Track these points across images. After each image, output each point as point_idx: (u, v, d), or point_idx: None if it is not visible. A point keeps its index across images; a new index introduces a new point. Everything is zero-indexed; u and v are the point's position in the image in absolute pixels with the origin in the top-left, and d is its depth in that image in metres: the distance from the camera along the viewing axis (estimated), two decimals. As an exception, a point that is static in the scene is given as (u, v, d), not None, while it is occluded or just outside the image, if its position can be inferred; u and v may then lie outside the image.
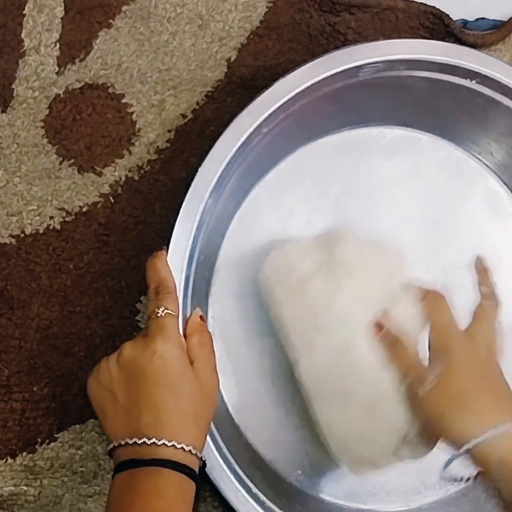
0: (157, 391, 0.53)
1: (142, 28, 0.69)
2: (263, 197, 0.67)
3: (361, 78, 0.61)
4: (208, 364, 0.56)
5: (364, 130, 0.68)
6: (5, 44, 0.68)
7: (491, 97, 0.63)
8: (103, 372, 0.55)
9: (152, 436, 0.52)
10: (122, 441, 0.53)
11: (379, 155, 0.67)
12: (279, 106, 0.59)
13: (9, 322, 0.65)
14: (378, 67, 0.61)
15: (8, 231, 0.66)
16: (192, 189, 0.58)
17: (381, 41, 0.61)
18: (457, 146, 0.68)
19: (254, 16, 0.69)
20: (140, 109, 0.68)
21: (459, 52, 0.62)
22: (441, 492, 0.66)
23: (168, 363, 0.53)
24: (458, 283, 0.66)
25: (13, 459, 0.64)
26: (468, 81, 0.62)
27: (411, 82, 0.63)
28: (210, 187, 0.58)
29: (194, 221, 0.58)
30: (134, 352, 0.54)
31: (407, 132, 0.68)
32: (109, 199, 0.67)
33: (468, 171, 0.68)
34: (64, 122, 0.68)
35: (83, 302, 0.66)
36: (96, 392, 0.55)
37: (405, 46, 0.61)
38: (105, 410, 0.55)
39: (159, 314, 0.55)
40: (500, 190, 0.69)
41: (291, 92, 0.59)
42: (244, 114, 0.59)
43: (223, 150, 0.59)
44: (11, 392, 0.64)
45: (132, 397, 0.53)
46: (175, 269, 0.58)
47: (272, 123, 0.61)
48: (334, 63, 0.60)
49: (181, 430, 0.52)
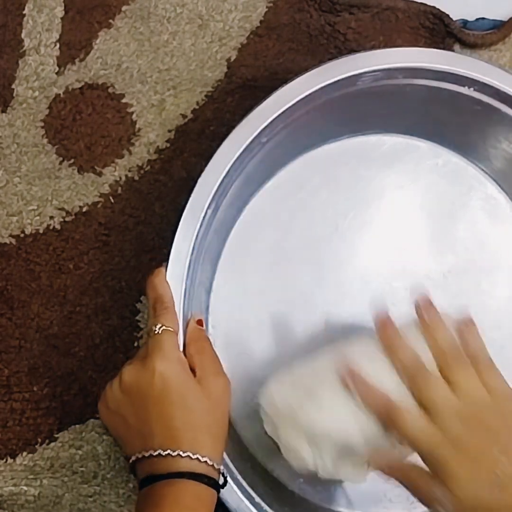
0: (164, 410, 0.53)
1: (142, 28, 0.69)
2: (263, 205, 0.67)
3: (359, 86, 0.61)
4: (210, 371, 0.56)
5: (363, 138, 0.68)
6: (5, 44, 0.68)
7: (489, 104, 0.63)
8: (109, 398, 0.55)
9: (166, 449, 0.52)
10: (139, 455, 0.53)
11: (378, 163, 0.68)
12: (278, 116, 0.59)
13: (9, 322, 0.65)
14: (376, 76, 0.61)
15: (8, 231, 0.66)
16: (192, 198, 0.58)
17: (379, 50, 0.61)
18: (456, 153, 0.68)
19: (254, 16, 0.69)
20: (140, 109, 0.68)
21: (457, 60, 0.62)
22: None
23: (169, 381, 0.53)
24: (458, 289, 0.66)
25: (13, 459, 0.64)
26: (466, 89, 0.62)
27: (410, 90, 0.63)
28: (210, 196, 0.58)
29: (194, 230, 0.58)
30: (134, 376, 0.54)
31: (405, 140, 0.68)
32: (109, 199, 0.67)
33: (467, 178, 0.68)
34: (64, 122, 0.68)
35: (83, 302, 0.66)
36: (108, 418, 0.56)
37: (403, 54, 0.61)
38: (120, 433, 0.55)
39: (156, 331, 0.55)
40: (499, 197, 0.69)
41: (290, 101, 0.59)
42: (244, 123, 0.59)
43: (223, 159, 0.59)
44: (11, 392, 0.64)
45: (141, 419, 0.53)
46: (175, 278, 0.58)
47: (272, 132, 0.61)
48: (333, 72, 0.60)
49: (195, 442, 0.53)
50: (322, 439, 0.55)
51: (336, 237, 0.67)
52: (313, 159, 0.67)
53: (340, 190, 0.67)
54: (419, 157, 0.68)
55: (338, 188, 0.67)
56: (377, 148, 0.68)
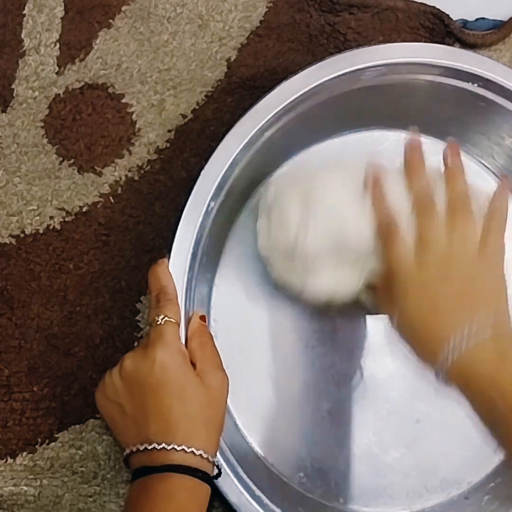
0: (162, 399, 0.53)
1: (142, 28, 0.69)
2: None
3: (363, 81, 0.61)
4: (211, 365, 0.56)
5: (365, 134, 0.68)
6: (5, 44, 0.68)
7: (493, 100, 0.63)
8: (108, 385, 0.55)
9: (161, 441, 0.52)
10: (133, 448, 0.53)
11: (381, 158, 0.67)
12: (281, 110, 0.59)
13: (9, 322, 0.65)
14: (380, 71, 0.61)
15: (8, 231, 0.66)
16: (195, 192, 0.58)
17: (383, 45, 0.61)
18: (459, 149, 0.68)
19: (254, 16, 0.69)
20: (140, 109, 0.68)
21: (461, 56, 0.62)
22: (443, 495, 0.66)
23: (169, 371, 0.53)
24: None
25: (13, 459, 0.64)
26: (470, 85, 0.62)
27: (413, 86, 0.63)
28: (212, 190, 0.58)
29: (196, 224, 0.58)
30: (134, 363, 0.54)
31: (408, 135, 0.68)
32: (109, 199, 0.67)
33: (470, 174, 0.68)
34: (64, 122, 0.68)
35: (83, 302, 0.66)
36: (104, 406, 0.56)
37: (407, 49, 0.61)
38: (115, 421, 0.55)
39: (159, 322, 0.55)
40: None
41: (293, 96, 0.59)
42: (246, 118, 0.59)
43: (225, 153, 0.59)
44: (11, 392, 0.64)
45: (138, 407, 0.53)
46: (177, 272, 0.58)
47: (274, 127, 0.61)
48: (336, 67, 0.60)
49: (191, 434, 0.53)
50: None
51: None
52: (315, 154, 0.67)
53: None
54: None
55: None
56: (381, 144, 0.68)
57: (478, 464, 0.66)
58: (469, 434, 0.62)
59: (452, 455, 0.66)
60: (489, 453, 0.65)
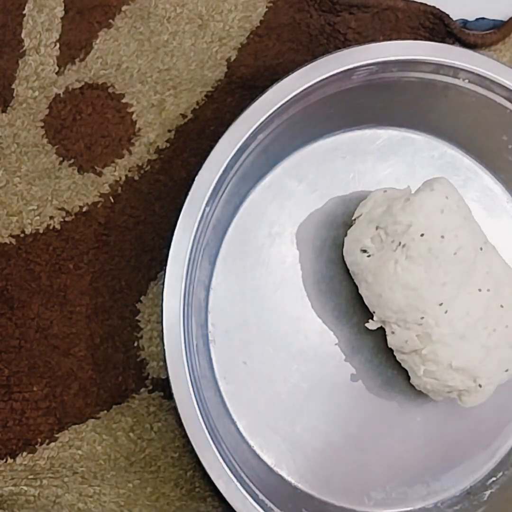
0: None
1: (142, 28, 0.69)
2: (260, 202, 0.67)
3: (354, 80, 0.62)
4: None
5: (358, 132, 0.68)
6: (5, 44, 0.68)
7: (484, 95, 0.63)
8: None
9: None
10: None
11: (374, 157, 0.68)
12: (273, 112, 0.60)
13: (9, 322, 0.65)
14: (371, 69, 0.61)
15: (8, 231, 0.66)
16: (189, 198, 0.59)
17: (373, 43, 0.61)
18: (452, 145, 0.68)
19: (254, 16, 0.69)
20: (140, 109, 0.68)
21: (450, 52, 0.62)
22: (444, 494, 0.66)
23: None
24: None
25: (13, 459, 0.64)
26: (461, 81, 0.62)
27: (404, 83, 0.63)
28: (207, 195, 0.59)
29: (192, 229, 0.58)
30: None
31: (401, 133, 0.68)
32: (109, 199, 0.67)
33: (463, 169, 0.69)
34: (64, 122, 0.68)
35: (83, 302, 0.66)
36: None
37: (398, 47, 0.61)
38: None
39: None
40: (495, 188, 0.69)
41: (285, 98, 0.60)
42: (239, 121, 0.60)
43: (219, 157, 0.59)
44: (11, 392, 0.64)
45: None
46: (174, 278, 0.58)
47: (267, 129, 0.61)
48: (327, 67, 0.60)
49: None
50: None
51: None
52: (308, 155, 0.67)
53: (336, 185, 0.67)
54: (415, 149, 0.68)
55: (334, 182, 0.67)
56: (373, 142, 0.68)
57: (481, 460, 0.66)
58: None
59: (453, 451, 0.66)
60: (491, 449, 0.66)
